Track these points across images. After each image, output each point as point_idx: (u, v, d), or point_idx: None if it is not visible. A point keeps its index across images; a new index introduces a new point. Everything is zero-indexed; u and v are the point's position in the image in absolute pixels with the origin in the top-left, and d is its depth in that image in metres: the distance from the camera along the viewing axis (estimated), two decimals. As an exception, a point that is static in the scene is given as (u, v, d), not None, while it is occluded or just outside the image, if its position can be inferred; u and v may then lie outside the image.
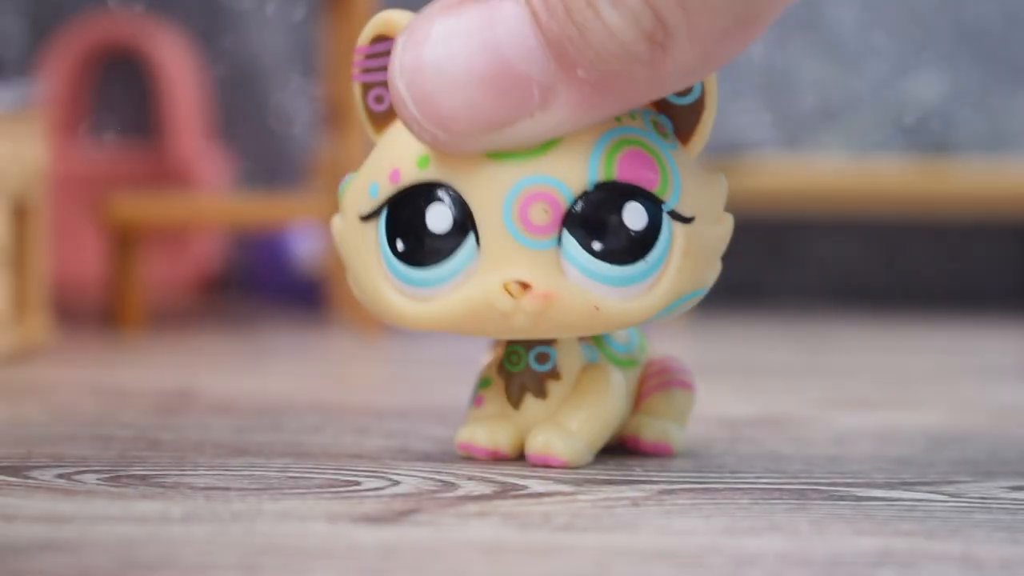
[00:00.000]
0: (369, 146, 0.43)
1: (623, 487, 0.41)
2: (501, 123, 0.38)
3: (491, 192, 0.39)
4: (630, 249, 0.39)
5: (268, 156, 1.34)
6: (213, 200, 1.09)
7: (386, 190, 0.40)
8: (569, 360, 0.43)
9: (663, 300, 0.40)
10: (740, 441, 0.51)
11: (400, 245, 0.40)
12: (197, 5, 1.33)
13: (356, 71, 0.41)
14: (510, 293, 0.39)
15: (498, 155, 0.39)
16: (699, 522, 0.37)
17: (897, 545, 0.35)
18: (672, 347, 0.88)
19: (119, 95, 1.34)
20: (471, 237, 0.39)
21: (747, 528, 0.37)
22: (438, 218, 0.40)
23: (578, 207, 0.39)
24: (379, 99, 0.41)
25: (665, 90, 0.38)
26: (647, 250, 0.40)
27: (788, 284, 1.32)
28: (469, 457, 0.44)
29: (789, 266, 1.33)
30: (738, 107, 1.31)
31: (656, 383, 0.46)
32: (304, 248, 1.13)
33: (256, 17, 1.33)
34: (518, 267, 0.39)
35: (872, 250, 1.33)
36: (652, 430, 0.45)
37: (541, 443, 0.42)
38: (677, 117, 0.41)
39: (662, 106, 0.41)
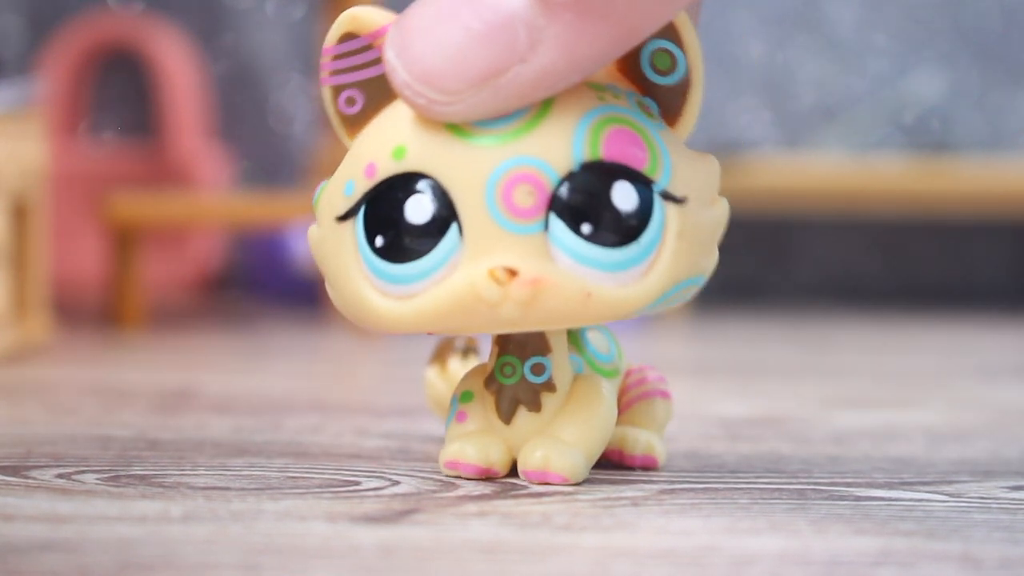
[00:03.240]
0: None
1: (623, 487, 0.41)
2: (494, 72, 0.37)
3: (472, 176, 0.37)
4: (621, 231, 0.37)
5: (268, 156, 1.34)
6: (213, 200, 1.09)
7: (362, 186, 0.38)
8: (562, 371, 0.41)
9: (659, 286, 0.38)
10: (740, 441, 0.51)
11: (379, 241, 0.38)
12: (197, 4, 1.33)
13: (324, 74, 0.40)
14: (497, 280, 0.37)
15: (476, 137, 0.37)
16: (699, 522, 0.37)
17: (897, 545, 0.35)
18: (672, 346, 0.88)
19: (119, 94, 1.34)
20: (453, 227, 0.37)
21: (747, 528, 0.37)
22: (417, 209, 0.38)
23: (564, 188, 0.37)
24: (351, 101, 0.40)
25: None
26: (639, 232, 0.38)
27: (788, 283, 1.32)
28: (457, 476, 0.42)
29: (789, 265, 1.33)
30: (738, 106, 1.31)
31: (637, 394, 0.45)
32: (304, 248, 1.13)
33: (255, 16, 1.33)
34: (504, 254, 0.37)
35: (872, 249, 1.33)
36: (639, 444, 0.44)
37: (539, 459, 0.40)
38: (663, 98, 0.39)
39: (647, 88, 0.39)
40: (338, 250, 0.39)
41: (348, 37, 0.39)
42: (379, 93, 0.40)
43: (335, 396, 0.66)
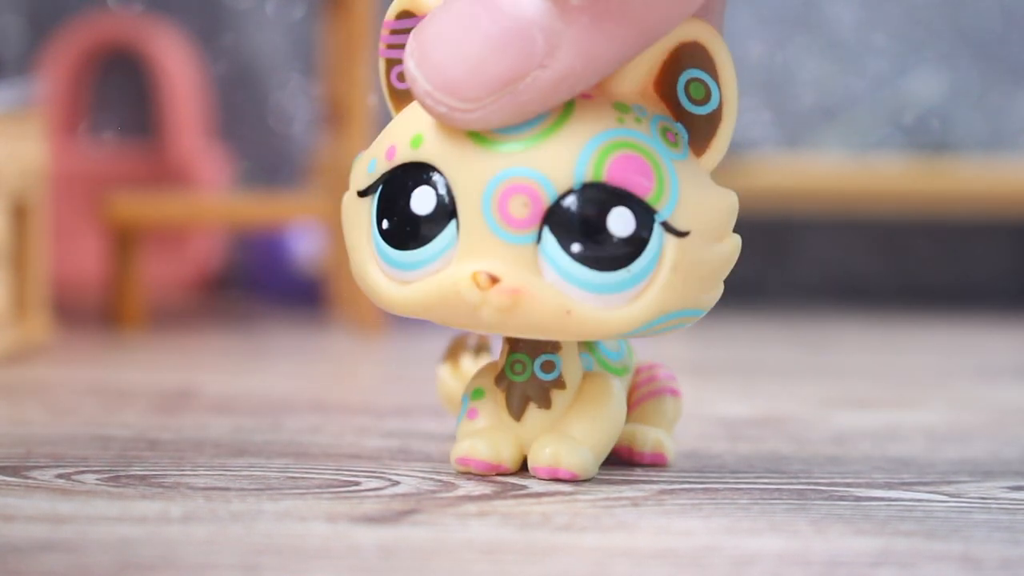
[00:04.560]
0: (372, 137, 0.42)
1: (623, 487, 0.41)
2: (512, 78, 0.37)
3: (474, 179, 0.38)
4: (611, 255, 0.38)
5: (268, 156, 1.34)
6: (213, 200, 1.09)
7: (382, 167, 0.40)
8: (571, 368, 0.42)
9: (644, 314, 0.39)
10: (740, 441, 0.51)
11: (385, 224, 0.39)
12: (197, 4, 1.33)
13: (382, 46, 0.41)
14: (478, 285, 0.38)
15: (487, 141, 0.38)
16: (699, 522, 0.37)
17: (897, 545, 0.35)
18: (671, 346, 0.88)
19: (119, 95, 1.34)
20: (453, 223, 0.38)
21: (747, 528, 0.37)
22: (422, 200, 0.39)
23: (560, 205, 0.38)
24: (402, 76, 0.41)
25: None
26: (631, 259, 0.38)
27: (788, 283, 1.32)
28: (468, 472, 0.42)
29: (789, 265, 1.33)
30: (739, 105, 1.31)
31: (647, 392, 0.45)
32: (304, 248, 1.13)
33: (255, 16, 1.33)
34: (493, 259, 0.38)
35: (872, 249, 1.33)
36: (648, 442, 0.44)
37: (549, 455, 0.41)
38: (694, 126, 0.40)
39: (680, 114, 0.40)
40: (356, 223, 0.41)
41: (406, 15, 0.40)
42: None
43: (335, 396, 0.66)
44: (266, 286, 1.18)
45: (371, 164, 0.40)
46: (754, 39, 1.31)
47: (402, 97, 0.41)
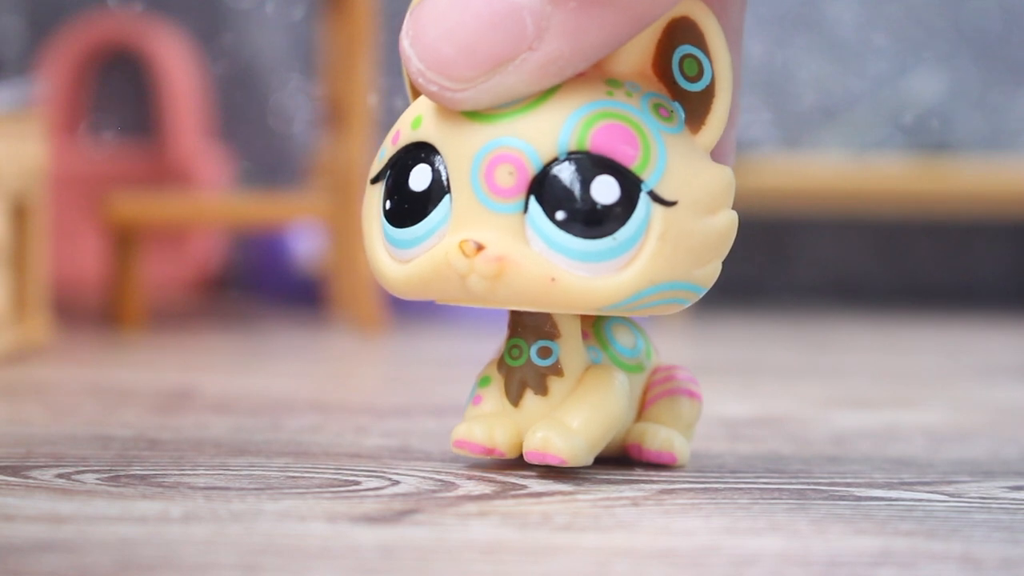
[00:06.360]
0: (371, 146, 0.43)
1: (623, 487, 0.41)
2: (502, 60, 0.38)
3: (463, 152, 0.39)
4: (595, 223, 0.38)
5: (268, 156, 1.34)
6: (213, 200, 1.09)
7: (388, 152, 0.40)
8: (572, 357, 0.41)
9: (632, 284, 0.38)
10: (740, 441, 0.51)
11: (387, 204, 0.40)
12: (197, 4, 1.33)
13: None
14: (464, 252, 0.38)
15: (477, 115, 0.39)
16: (699, 522, 0.37)
17: (897, 545, 0.35)
18: (671, 346, 0.88)
19: (119, 94, 1.34)
20: (447, 198, 0.39)
21: (747, 528, 0.37)
22: (418, 177, 0.39)
23: (545, 174, 0.38)
24: None
25: None
26: (616, 227, 0.38)
27: (788, 283, 1.32)
28: (465, 455, 0.42)
29: (789, 265, 1.33)
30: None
31: (661, 391, 0.44)
32: (304, 248, 1.13)
33: (256, 16, 1.33)
34: (481, 229, 0.38)
35: (872, 249, 1.33)
36: (656, 439, 0.43)
37: (539, 439, 0.40)
38: (690, 104, 0.40)
39: (677, 94, 0.40)
40: (368, 211, 0.41)
41: None
42: None
43: (335, 396, 0.66)
44: (266, 286, 1.18)
45: (381, 152, 0.41)
46: (754, 39, 1.31)
47: None
